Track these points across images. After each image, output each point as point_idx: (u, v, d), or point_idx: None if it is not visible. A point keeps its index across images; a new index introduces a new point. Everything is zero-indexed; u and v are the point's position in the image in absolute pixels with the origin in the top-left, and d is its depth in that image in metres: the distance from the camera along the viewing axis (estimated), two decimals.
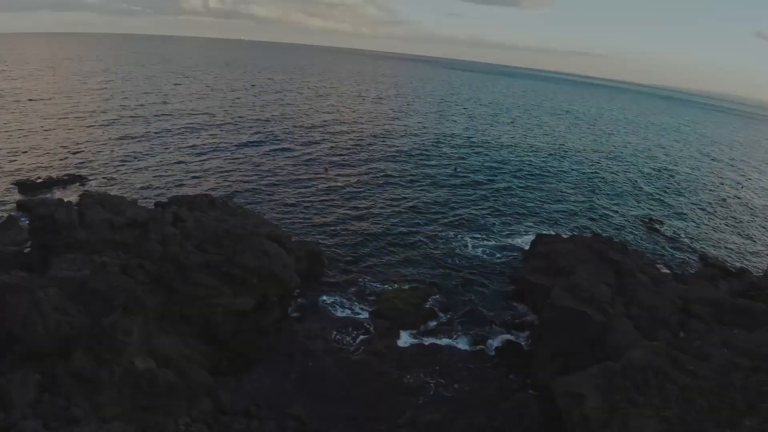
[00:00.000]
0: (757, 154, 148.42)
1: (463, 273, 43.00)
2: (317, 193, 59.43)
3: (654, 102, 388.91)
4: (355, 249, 45.42)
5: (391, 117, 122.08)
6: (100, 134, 77.07)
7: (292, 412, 26.05)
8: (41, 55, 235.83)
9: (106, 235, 29.96)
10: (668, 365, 24.10)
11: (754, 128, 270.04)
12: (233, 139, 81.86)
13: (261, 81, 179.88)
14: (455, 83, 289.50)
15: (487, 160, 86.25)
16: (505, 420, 26.62)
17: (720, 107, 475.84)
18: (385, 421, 26.10)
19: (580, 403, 21.86)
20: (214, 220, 33.75)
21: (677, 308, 31.75)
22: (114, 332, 20.81)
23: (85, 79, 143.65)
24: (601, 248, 38.38)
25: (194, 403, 25.19)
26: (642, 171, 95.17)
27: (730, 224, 69.08)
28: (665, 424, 20.32)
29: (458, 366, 31.23)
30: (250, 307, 32.18)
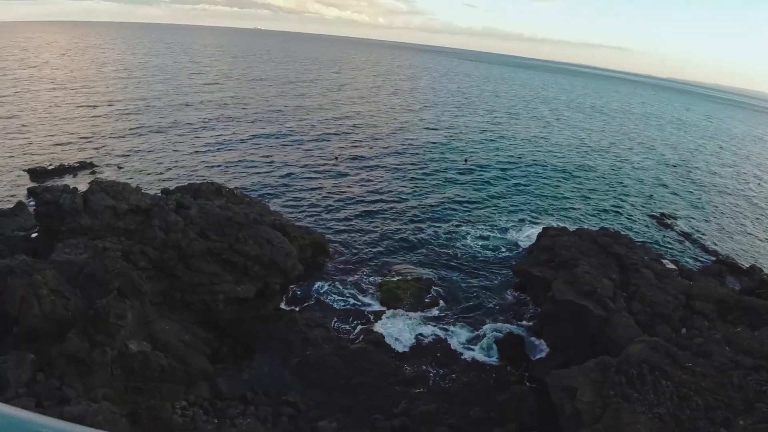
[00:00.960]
0: None
1: (466, 265, 42.88)
2: (326, 183, 59.47)
3: (673, 96, 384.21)
4: (360, 239, 45.45)
5: (406, 109, 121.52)
6: (114, 123, 77.66)
7: (289, 399, 26.31)
8: (58, 44, 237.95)
9: (110, 222, 30.24)
10: (665, 361, 23.90)
11: None
12: (246, 128, 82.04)
13: (276, 71, 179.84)
14: (474, 75, 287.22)
15: (500, 153, 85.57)
16: (501, 412, 26.62)
17: (741, 102, 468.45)
18: (380, 410, 26.22)
19: (572, 397, 21.78)
20: (217, 207, 33.92)
21: (680, 304, 31.43)
22: (107, 315, 21.07)
23: (101, 67, 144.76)
24: (606, 242, 38.05)
25: (192, 388, 25.52)
26: (658, 166, 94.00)
27: (745, 221, 68.09)
28: (657, 421, 20.15)
29: (457, 357, 31.25)
30: (252, 294, 32.45)
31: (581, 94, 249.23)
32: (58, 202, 31.16)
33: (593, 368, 23.30)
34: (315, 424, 24.49)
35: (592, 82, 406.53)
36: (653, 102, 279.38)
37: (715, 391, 22.64)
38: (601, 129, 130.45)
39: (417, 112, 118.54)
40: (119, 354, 20.88)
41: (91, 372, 19.94)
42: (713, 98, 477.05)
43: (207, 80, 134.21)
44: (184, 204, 32.46)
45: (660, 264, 36.69)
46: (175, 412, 23.24)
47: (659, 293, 31.68)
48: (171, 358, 25.31)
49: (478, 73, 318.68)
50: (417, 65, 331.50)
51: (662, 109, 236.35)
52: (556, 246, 36.89)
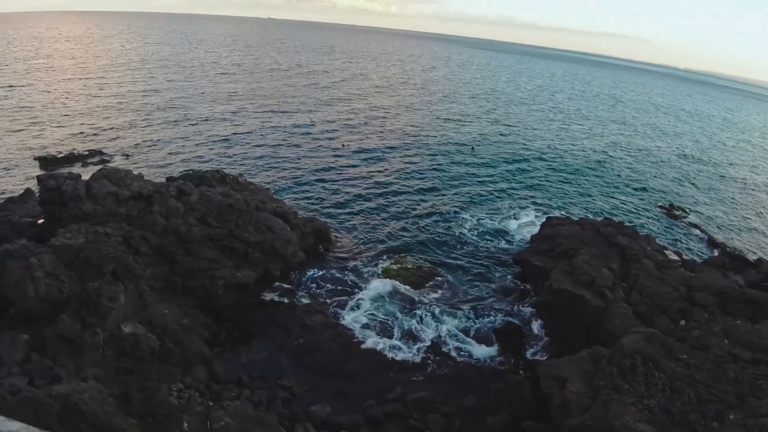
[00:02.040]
0: None
1: (468, 253, 42.91)
2: (331, 171, 59.65)
3: (690, 87, 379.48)
4: (363, 227, 45.61)
5: (418, 99, 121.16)
6: (125, 112, 78.34)
7: (284, 384, 26.62)
8: (72, 34, 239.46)
9: (112, 208, 30.62)
10: (660, 353, 23.76)
11: None
12: (256, 118, 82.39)
13: (288, 61, 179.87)
14: (491, 66, 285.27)
15: (509, 142, 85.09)
16: (496, 400, 26.67)
17: (759, 95, 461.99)
18: (374, 396, 26.42)
19: (562, 387, 21.79)
20: (219, 194, 34.21)
21: (680, 296, 31.21)
22: (98, 298, 21.45)
23: (114, 58, 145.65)
24: (609, 232, 37.86)
25: (189, 371, 25.92)
26: (672, 157, 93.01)
27: (756, 214, 67.37)
28: (647, 413, 20.08)
29: (454, 345, 31.33)
30: (252, 280, 32.81)
31: (597, 85, 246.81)
32: (61, 188, 31.60)
33: (585, 358, 23.26)
34: (308, 408, 24.77)
35: (609, 73, 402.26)
36: (671, 93, 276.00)
37: (709, 384, 22.48)
38: (616, 119, 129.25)
39: (428, 101, 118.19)
40: (111, 336, 21.25)
41: (83, 352, 20.37)
42: (731, 89, 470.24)
43: (219, 70, 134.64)
44: (185, 191, 32.78)
45: (662, 255, 36.45)
46: (171, 393, 23.63)
47: (659, 284, 31.49)
48: (169, 342, 25.74)
49: (493, 63, 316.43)
50: (430, 55, 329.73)
51: (680, 100, 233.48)
52: (557, 235, 36.80)
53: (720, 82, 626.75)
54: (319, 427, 23.82)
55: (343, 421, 24.25)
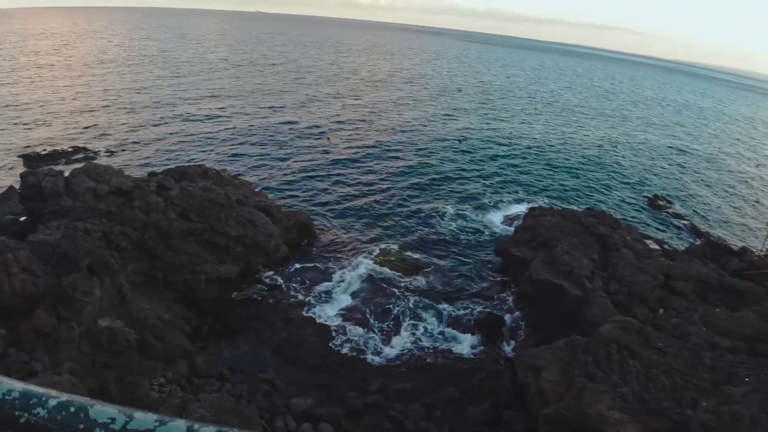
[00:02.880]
0: None
1: (453, 246, 43.13)
2: (316, 165, 59.63)
3: (679, 78, 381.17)
4: (347, 220, 45.74)
5: (406, 92, 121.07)
6: (109, 108, 77.83)
7: (266, 377, 26.73)
8: (60, 30, 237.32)
9: (91, 203, 30.49)
10: (636, 341, 24.00)
11: None
12: (242, 113, 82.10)
13: (276, 55, 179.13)
14: (480, 59, 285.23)
15: (497, 134, 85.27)
16: (477, 391, 26.94)
17: (747, 85, 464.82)
18: (355, 389, 26.57)
19: (538, 376, 22.02)
20: (200, 189, 34.15)
21: (659, 284, 31.51)
22: (73, 292, 21.50)
23: (100, 54, 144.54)
24: (590, 222, 38.08)
25: (170, 366, 25.99)
26: (657, 148, 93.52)
27: (739, 204, 67.95)
28: (620, 401, 20.32)
29: (436, 337, 31.56)
30: (234, 275, 32.87)
31: (587, 77, 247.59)
32: (41, 185, 31.45)
33: (561, 347, 23.51)
34: (289, 401, 24.91)
35: (597, 64, 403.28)
36: (659, 84, 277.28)
37: (685, 372, 22.74)
38: (604, 111, 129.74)
39: (416, 95, 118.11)
40: (87, 330, 21.31)
41: (59, 347, 20.42)
42: (720, 80, 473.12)
43: (206, 65, 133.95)
44: (166, 185, 32.71)
45: (642, 244, 36.72)
46: (152, 388, 23.76)
47: (638, 273, 31.74)
48: (150, 336, 25.80)
49: (482, 56, 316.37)
50: (419, 48, 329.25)
51: (666, 91, 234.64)
52: (538, 226, 37.00)
53: (708, 73, 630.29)
54: (300, 419, 23.96)
55: (324, 413, 24.40)
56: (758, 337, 26.11)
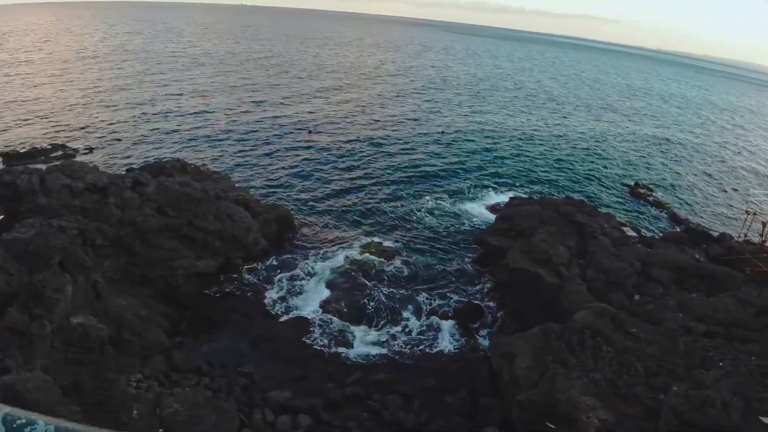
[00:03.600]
0: (762, 122, 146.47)
1: (433, 236, 43.31)
2: (297, 159, 59.48)
3: (659, 67, 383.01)
4: (328, 213, 45.77)
5: (390, 84, 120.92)
6: (90, 105, 76.97)
7: (244, 371, 26.77)
8: (41, 26, 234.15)
9: (66, 201, 30.36)
10: (610, 327, 24.24)
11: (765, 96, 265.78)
12: (225, 107, 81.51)
13: (260, 49, 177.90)
14: (464, 50, 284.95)
15: (479, 125, 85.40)
16: (454, 380, 27.13)
17: (730, 74, 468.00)
18: (333, 381, 26.67)
19: (511, 363, 22.20)
20: (178, 184, 34.02)
21: (635, 271, 31.82)
22: (44, 289, 21.45)
23: (81, 49, 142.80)
24: (569, 211, 38.36)
25: (148, 362, 25.96)
26: (639, 137, 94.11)
27: (719, 191, 68.62)
28: (593, 387, 20.52)
29: (415, 327, 31.72)
30: (213, 269, 32.86)
31: (564, 66, 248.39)
32: (16, 182, 31.21)
33: (536, 334, 23.73)
34: (267, 394, 24.97)
35: (582, 55, 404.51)
36: (642, 74, 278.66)
37: (658, 357, 22.98)
38: (587, 101, 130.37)
39: (400, 87, 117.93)
40: (59, 327, 21.29)
41: (32, 344, 20.39)
42: (704, 69, 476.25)
43: (189, 60, 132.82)
44: (142, 181, 32.59)
45: (620, 231, 37.09)
46: (129, 384, 23.70)
47: (614, 260, 32.06)
48: (126, 333, 25.77)
49: (468, 47, 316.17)
50: (404, 40, 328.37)
51: (649, 80, 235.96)
52: (517, 215, 37.26)
53: (692, 62, 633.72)
54: (278, 411, 24.03)
55: (302, 405, 24.48)
56: (734, 321, 26.41)
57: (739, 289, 29.83)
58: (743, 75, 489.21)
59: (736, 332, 25.59)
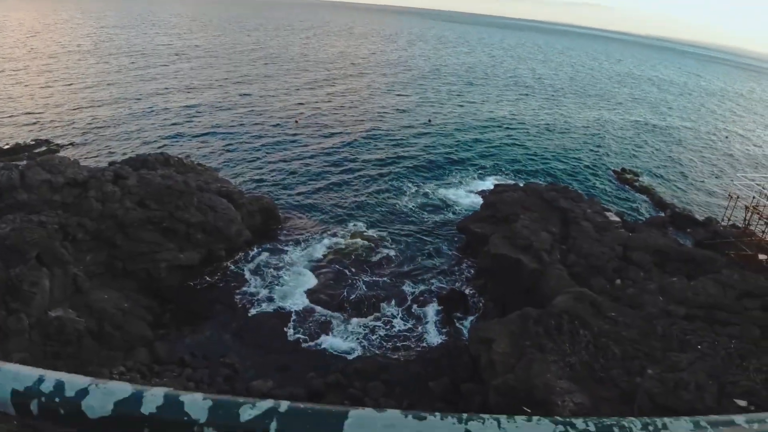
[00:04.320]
0: (752, 107, 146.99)
1: (419, 224, 43.45)
2: (282, 149, 59.33)
3: (650, 53, 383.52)
4: (314, 203, 45.74)
5: (377, 73, 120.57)
6: (75, 100, 76.17)
7: (227, 361, 26.89)
8: (25, 20, 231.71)
9: (46, 196, 30.27)
10: (588, 312, 24.46)
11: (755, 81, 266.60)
12: (211, 100, 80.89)
13: (246, 40, 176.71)
14: (454, 38, 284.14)
15: (467, 113, 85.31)
16: (437, 366, 27.30)
17: (719, 59, 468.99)
18: (315, 369, 26.83)
19: (489, 348, 22.38)
20: (159, 177, 33.96)
21: (617, 255, 32.04)
22: (21, 283, 21.50)
23: (67, 43, 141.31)
24: (552, 196, 38.55)
25: (131, 354, 26.06)
26: (627, 122, 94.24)
27: (707, 175, 69.03)
28: (569, 371, 20.73)
29: (398, 315, 31.87)
30: (196, 261, 32.85)
31: (556, 53, 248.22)
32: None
33: (514, 320, 23.89)
34: (250, 384, 25.11)
35: (573, 41, 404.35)
36: (630, 59, 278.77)
37: (636, 340, 23.19)
38: (576, 88, 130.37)
39: (388, 76, 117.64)
40: (37, 321, 21.34)
41: (9, 338, 20.45)
42: (693, 55, 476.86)
43: (174, 52, 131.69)
44: (122, 174, 32.51)
45: (602, 216, 37.26)
46: (112, 377, 23.77)
47: (595, 245, 32.27)
48: (108, 326, 25.85)
49: (460, 35, 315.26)
50: (392, 28, 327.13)
51: (638, 66, 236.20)
52: (499, 202, 37.40)
53: (681, 48, 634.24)
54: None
55: (284, 394, 24.60)
56: (714, 304, 26.63)
57: (721, 273, 30.06)
58: (734, 60, 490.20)
59: (716, 315, 25.83)
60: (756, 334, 24.40)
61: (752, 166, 75.84)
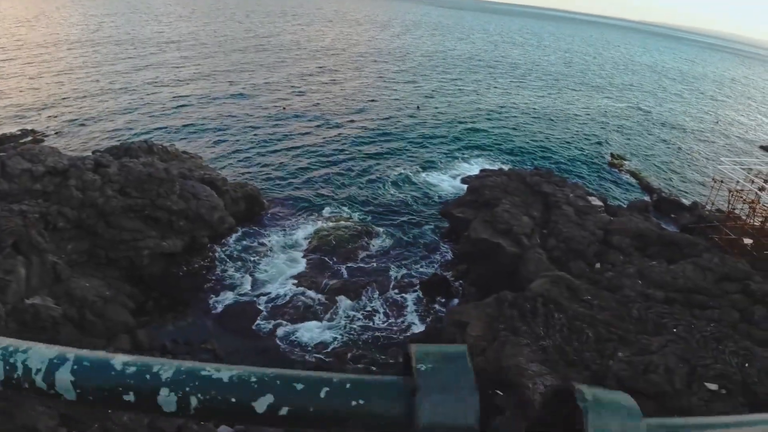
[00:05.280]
0: (747, 92, 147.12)
1: (404, 210, 43.63)
2: (271, 135, 59.19)
3: (644, 39, 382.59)
4: (299, 189, 45.81)
5: (368, 60, 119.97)
6: (62, 89, 75.57)
7: (207, 347, 27.13)
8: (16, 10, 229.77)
9: (27, 185, 30.30)
10: (564, 295, 24.63)
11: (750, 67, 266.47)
12: (200, 87, 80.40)
13: (237, 26, 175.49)
14: (445, 24, 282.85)
15: (457, 98, 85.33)
16: None
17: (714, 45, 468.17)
18: (295, 354, 27.11)
19: (463, 332, 22.60)
20: (141, 165, 33.99)
21: (597, 239, 32.25)
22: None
23: (56, 33, 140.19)
24: (536, 181, 38.68)
25: (112, 341, 26.21)
26: (619, 108, 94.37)
27: (695, 160, 69.30)
28: (540, 353, 20.91)
29: (382, 301, 32.09)
30: (178, 249, 32.90)
31: (551, 39, 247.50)
32: None
33: (490, 303, 24.11)
34: None
35: (565, 27, 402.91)
36: (628, 46, 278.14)
37: (610, 323, 23.32)
38: (570, 74, 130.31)
39: (378, 62, 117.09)
40: (13, 308, 21.49)
41: None
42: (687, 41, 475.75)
43: (163, 40, 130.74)
44: (103, 163, 32.53)
45: (585, 201, 37.45)
46: None
47: (576, 229, 32.47)
48: (90, 314, 26.00)
49: (451, 21, 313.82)
50: (385, 14, 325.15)
51: (634, 52, 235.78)
52: (482, 187, 37.54)
53: (675, 33, 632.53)
54: None
55: None
56: (693, 288, 26.83)
57: (701, 257, 30.26)
58: (727, 47, 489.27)
59: (695, 299, 26.02)
60: (735, 317, 24.61)
61: (741, 151, 76.18)
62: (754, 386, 19.63)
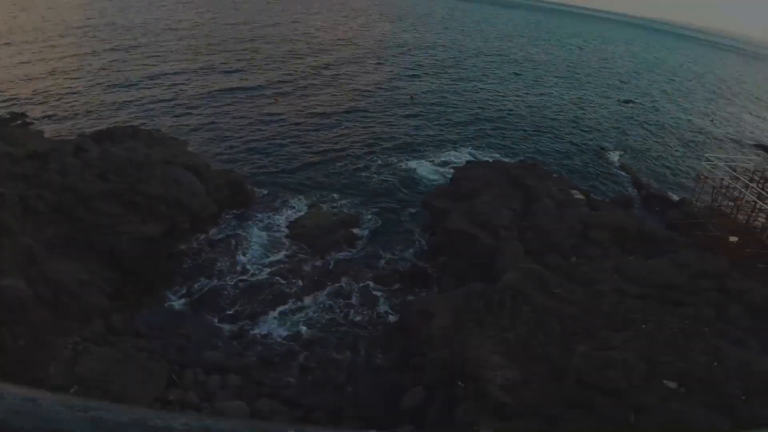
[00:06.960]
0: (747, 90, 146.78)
1: (388, 200, 43.76)
2: (259, 125, 59.11)
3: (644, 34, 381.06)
4: (284, 178, 45.85)
5: (364, 51, 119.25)
6: (55, 75, 75.20)
7: (182, 332, 27.32)
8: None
9: (8, 168, 30.36)
10: (534, 288, 24.70)
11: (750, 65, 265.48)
12: (190, 74, 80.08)
13: (230, 12, 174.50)
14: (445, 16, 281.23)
15: (450, 90, 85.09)
16: (390, 341, 27.81)
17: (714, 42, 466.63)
18: (272, 340, 27.40)
19: (429, 322, 22.75)
20: (123, 150, 34.07)
21: (575, 233, 32.34)
22: None
23: (56, 17, 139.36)
24: (519, 173, 38.81)
25: (87, 325, 26.41)
26: (613, 103, 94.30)
27: (687, 156, 69.29)
28: (504, 345, 20.99)
29: (361, 290, 32.30)
30: (158, 234, 32.94)
31: (547, 32, 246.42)
32: None
33: (459, 294, 24.25)
34: (202, 354, 25.54)
35: (566, 21, 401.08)
36: (627, 41, 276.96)
37: (578, 317, 23.36)
38: (564, 67, 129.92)
39: (375, 54, 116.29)
40: None
41: None
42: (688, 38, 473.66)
43: (160, 27, 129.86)
44: (84, 147, 32.65)
45: (566, 194, 37.55)
46: (66, 347, 24.18)
47: (555, 222, 32.60)
48: (65, 296, 26.17)
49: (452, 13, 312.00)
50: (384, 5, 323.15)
51: (629, 46, 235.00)
52: (464, 178, 37.65)
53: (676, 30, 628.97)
54: (210, 371, 24.62)
55: (234, 365, 25.09)
56: (669, 284, 26.84)
57: (678, 252, 30.37)
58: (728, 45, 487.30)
59: (670, 295, 26.02)
60: (710, 314, 24.64)
61: (732, 148, 76.16)
62: (721, 386, 19.40)
